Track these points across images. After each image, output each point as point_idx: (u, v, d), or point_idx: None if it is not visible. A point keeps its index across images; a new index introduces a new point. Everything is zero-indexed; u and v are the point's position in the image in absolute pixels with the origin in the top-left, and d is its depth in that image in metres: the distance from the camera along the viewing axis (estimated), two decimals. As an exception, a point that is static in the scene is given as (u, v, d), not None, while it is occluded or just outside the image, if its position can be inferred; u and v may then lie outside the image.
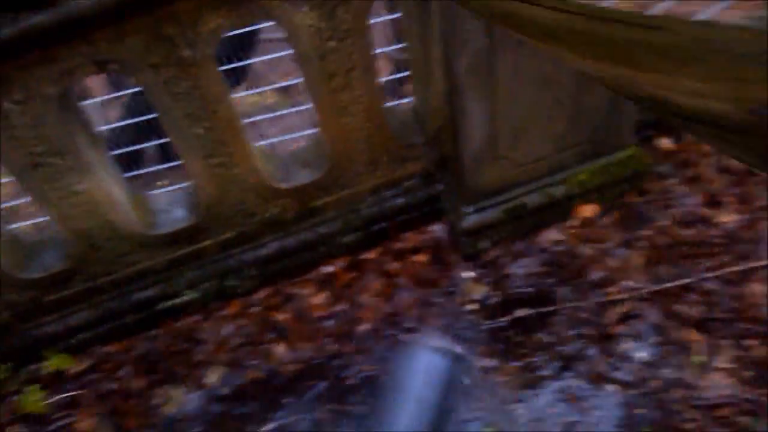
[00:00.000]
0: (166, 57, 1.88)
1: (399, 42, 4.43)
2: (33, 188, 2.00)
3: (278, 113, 3.93)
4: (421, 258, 2.58)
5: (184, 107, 2.00)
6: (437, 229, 2.65)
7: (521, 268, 2.50)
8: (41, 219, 2.59)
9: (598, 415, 2.12)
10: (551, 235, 2.58)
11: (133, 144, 3.92)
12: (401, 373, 1.06)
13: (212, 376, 2.36)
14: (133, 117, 3.59)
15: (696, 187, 2.71)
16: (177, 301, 2.49)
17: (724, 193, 2.66)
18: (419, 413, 1.01)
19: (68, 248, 2.24)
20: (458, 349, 1.14)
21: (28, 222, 2.69)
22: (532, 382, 2.22)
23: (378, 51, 2.35)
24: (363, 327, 2.41)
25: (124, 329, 2.47)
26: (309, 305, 2.49)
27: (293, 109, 4.82)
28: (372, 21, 2.13)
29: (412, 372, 1.06)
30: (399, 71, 3.97)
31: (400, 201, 2.60)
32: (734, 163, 2.76)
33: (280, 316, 2.47)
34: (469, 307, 2.44)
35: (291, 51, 3.51)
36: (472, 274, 2.52)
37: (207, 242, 2.40)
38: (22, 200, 3.09)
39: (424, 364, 1.07)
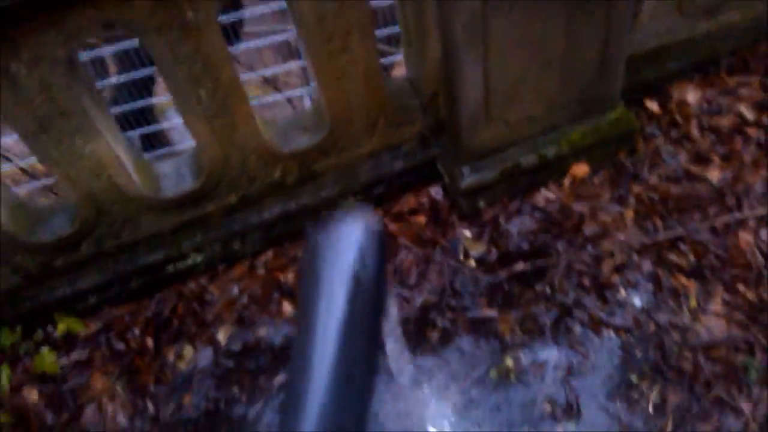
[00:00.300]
0: (170, 20, 1.88)
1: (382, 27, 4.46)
2: (40, 150, 2.00)
3: (264, 101, 3.97)
4: (420, 219, 2.61)
5: (186, 70, 1.99)
6: (435, 192, 2.67)
7: (518, 226, 2.54)
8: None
9: (598, 358, 2.17)
10: (545, 194, 2.61)
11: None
12: (326, 251, 0.86)
13: (222, 334, 2.37)
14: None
15: (683, 147, 2.76)
16: (183, 264, 2.48)
17: (710, 151, 2.71)
18: (356, 293, 0.85)
19: (76, 212, 2.23)
20: (378, 223, 0.97)
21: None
22: (532, 329, 2.26)
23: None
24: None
25: (132, 292, 2.47)
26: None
27: (279, 96, 4.83)
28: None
29: (340, 247, 0.86)
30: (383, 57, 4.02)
31: (397, 165, 2.61)
32: (719, 123, 2.81)
33: (285, 277, 2.49)
34: (470, 263, 2.47)
35: (275, 40, 3.54)
36: (471, 232, 2.55)
37: (211, 206, 2.40)
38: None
39: (351, 237, 0.91)
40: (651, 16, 2.74)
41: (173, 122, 4.38)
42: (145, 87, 4.39)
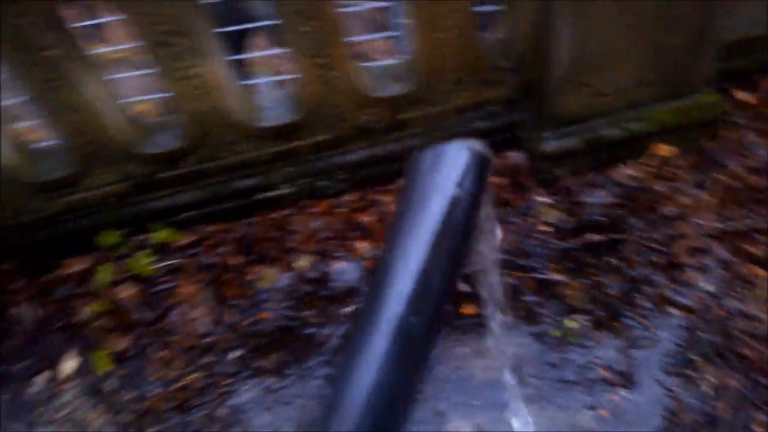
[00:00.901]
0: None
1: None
2: (159, 64, 2.03)
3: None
4: (499, 180, 2.53)
5: (296, 4, 1.98)
6: (515, 156, 2.58)
7: (595, 198, 2.43)
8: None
9: (660, 333, 2.07)
10: (626, 170, 2.48)
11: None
12: (427, 171, 0.82)
13: (301, 262, 2.39)
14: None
15: (768, 140, 2.58)
16: (273, 193, 2.49)
17: (798, 149, 2.53)
18: (450, 210, 0.78)
19: (183, 129, 2.26)
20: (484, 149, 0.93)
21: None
22: (597, 298, 2.17)
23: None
24: (440, 235, 2.39)
25: (224, 213, 2.50)
26: (389, 211, 2.47)
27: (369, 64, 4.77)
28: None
29: (440, 168, 0.83)
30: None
31: (482, 124, 2.53)
32: (811, 121, 2.61)
33: (364, 218, 2.47)
34: (542, 228, 2.38)
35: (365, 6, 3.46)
36: (546, 199, 2.46)
37: (303, 142, 2.39)
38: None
39: (453, 159, 0.84)
40: (749, 4, 2.54)
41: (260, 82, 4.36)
42: (235, 44, 4.36)
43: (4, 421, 2.21)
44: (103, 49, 3.37)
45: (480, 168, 0.86)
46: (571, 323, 2.14)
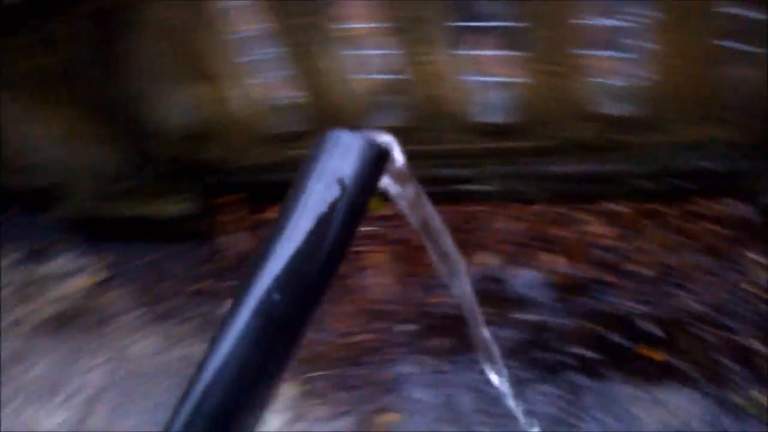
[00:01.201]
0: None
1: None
2: (401, 46, 2.24)
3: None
4: (715, 228, 2.38)
5: (539, 8, 2.08)
6: (737, 205, 2.42)
7: (823, 272, 2.22)
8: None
9: None
10: None
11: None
12: (320, 156, 0.83)
13: (485, 260, 2.48)
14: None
15: None
16: (473, 187, 2.60)
17: None
18: (333, 202, 0.79)
19: (404, 111, 2.47)
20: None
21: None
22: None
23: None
24: (633, 267, 2.35)
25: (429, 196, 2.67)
26: (588, 231, 2.46)
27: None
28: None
29: (332, 155, 0.83)
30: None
31: (704, 164, 2.40)
32: None
33: (558, 232, 2.48)
34: (750, 288, 2.23)
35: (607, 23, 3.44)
36: (762, 259, 2.28)
37: (513, 144, 2.46)
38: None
39: (347, 148, 0.83)
40: None
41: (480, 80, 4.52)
42: (462, 40, 4.56)
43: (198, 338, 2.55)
44: (343, 26, 3.73)
45: (375, 162, 0.83)
46: (760, 396, 2.00)
